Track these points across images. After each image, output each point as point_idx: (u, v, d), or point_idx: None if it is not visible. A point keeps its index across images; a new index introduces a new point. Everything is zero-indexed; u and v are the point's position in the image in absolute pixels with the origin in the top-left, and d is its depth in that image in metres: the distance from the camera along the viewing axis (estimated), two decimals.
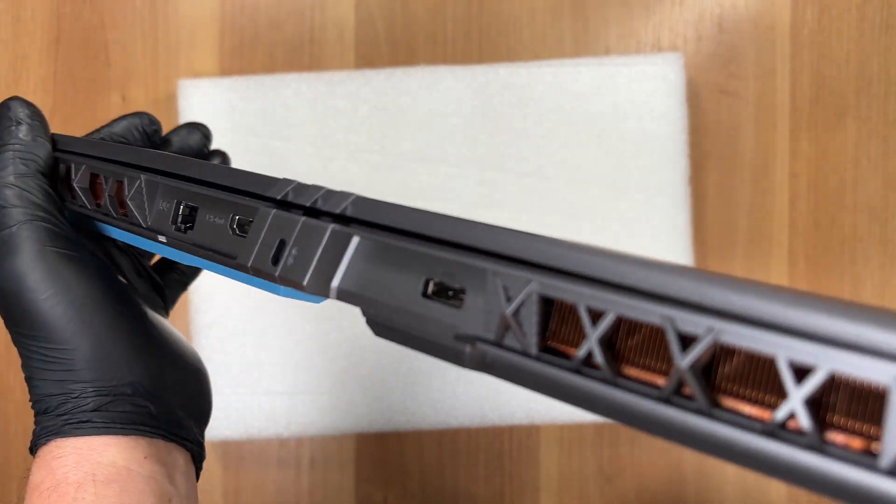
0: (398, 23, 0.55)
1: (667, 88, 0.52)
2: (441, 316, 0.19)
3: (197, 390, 0.30)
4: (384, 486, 0.55)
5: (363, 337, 0.52)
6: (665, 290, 0.15)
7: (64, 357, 0.26)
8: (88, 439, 0.26)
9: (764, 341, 0.14)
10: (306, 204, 0.23)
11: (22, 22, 0.55)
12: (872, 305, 0.14)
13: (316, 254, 0.22)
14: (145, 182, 0.26)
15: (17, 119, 0.27)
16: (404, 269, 0.20)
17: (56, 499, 0.25)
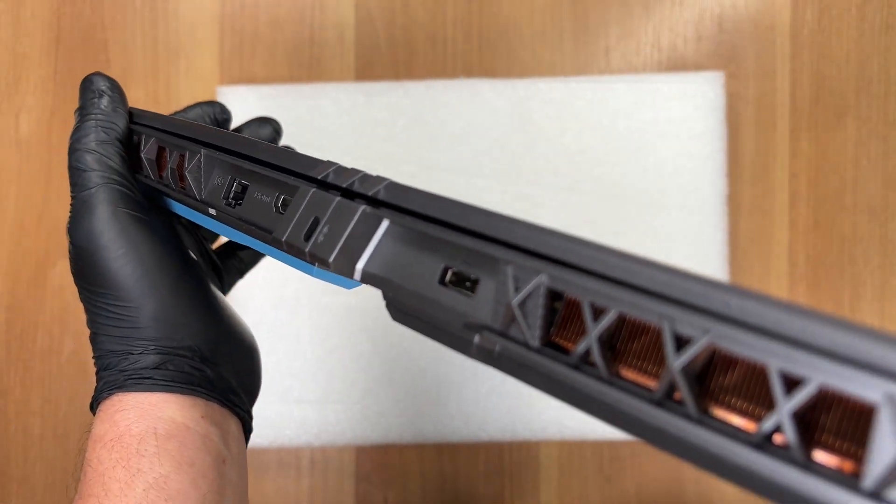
0: (398, 23, 0.55)
1: (706, 107, 0.52)
2: (454, 303, 0.19)
3: (250, 366, 0.31)
4: (384, 486, 0.55)
5: (396, 348, 0.52)
6: (667, 289, 0.16)
7: (129, 314, 0.28)
8: (149, 395, 0.27)
9: (758, 348, 0.14)
10: (343, 185, 0.23)
11: (22, 22, 0.55)
12: (870, 325, 0.14)
13: (345, 233, 0.22)
14: (204, 157, 0.27)
15: (100, 91, 0.29)
16: (426, 256, 0.21)
17: (120, 449, 0.26)
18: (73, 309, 0.55)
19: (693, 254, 0.52)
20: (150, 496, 0.25)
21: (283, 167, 0.25)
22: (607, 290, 0.16)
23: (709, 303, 0.15)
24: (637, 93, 0.52)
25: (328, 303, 0.52)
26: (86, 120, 0.29)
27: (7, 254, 0.55)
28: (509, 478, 0.55)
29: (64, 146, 0.56)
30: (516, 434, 0.52)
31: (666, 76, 0.52)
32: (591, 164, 0.52)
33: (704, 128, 0.52)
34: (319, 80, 0.55)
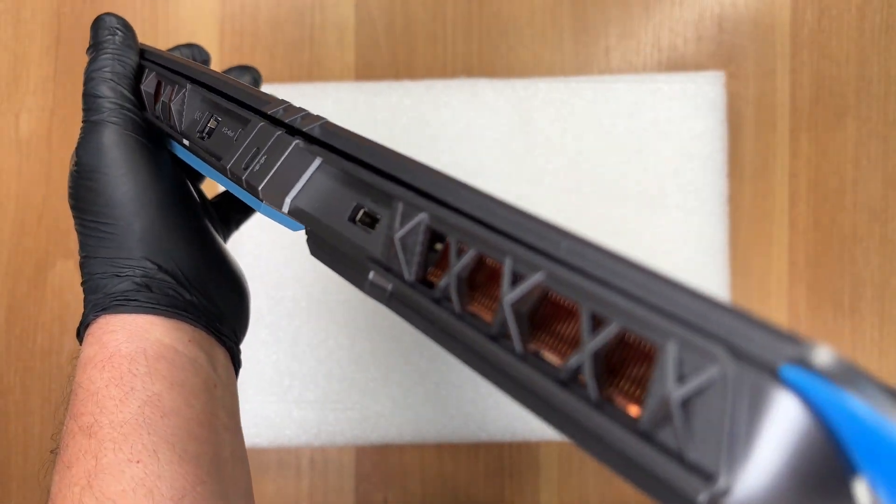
0: (398, 23, 0.55)
1: (707, 107, 0.52)
2: (357, 239, 0.21)
3: (237, 302, 0.32)
4: (384, 486, 0.55)
5: (395, 348, 0.52)
6: (511, 229, 0.17)
7: (118, 233, 0.28)
8: (135, 317, 0.28)
9: (577, 288, 0.15)
10: (285, 121, 0.24)
11: (22, 22, 0.55)
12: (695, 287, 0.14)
13: (276, 164, 0.23)
14: (188, 92, 0.28)
15: (113, 28, 0.30)
16: (346, 194, 0.22)
17: (111, 369, 0.26)
18: (73, 309, 0.55)
19: (693, 254, 0.52)
20: (146, 412, 0.25)
21: (240, 101, 0.26)
22: (470, 229, 0.17)
23: (544, 243, 0.16)
24: (637, 93, 0.52)
25: (327, 303, 0.52)
26: (102, 52, 0.30)
27: (7, 254, 0.55)
28: (509, 478, 0.55)
29: (64, 146, 0.56)
30: (516, 434, 0.52)
31: (666, 76, 0.52)
32: (592, 164, 0.52)
33: (705, 128, 0.52)
34: (319, 80, 0.55)
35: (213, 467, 0.26)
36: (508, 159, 0.52)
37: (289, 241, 0.52)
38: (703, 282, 0.52)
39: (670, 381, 0.13)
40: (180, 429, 0.26)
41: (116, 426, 0.25)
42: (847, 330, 0.54)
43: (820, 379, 0.11)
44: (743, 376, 0.12)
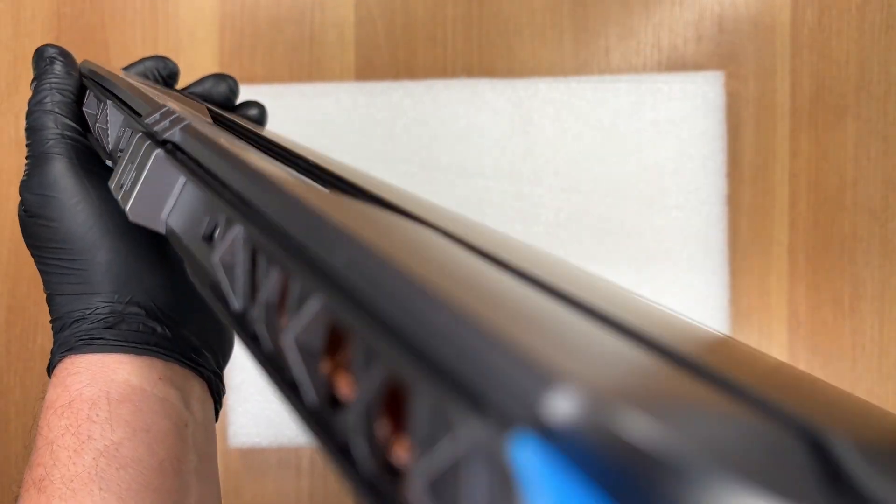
0: (398, 23, 0.55)
1: (706, 107, 0.52)
2: (203, 260, 0.18)
3: (215, 324, 0.30)
4: None
5: None
6: (305, 240, 0.14)
7: (80, 268, 0.27)
8: (102, 357, 0.26)
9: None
10: (152, 128, 0.21)
11: (22, 22, 0.55)
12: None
13: (140, 179, 0.20)
14: (109, 107, 0.26)
15: (51, 58, 0.30)
16: (205, 209, 0.19)
17: (70, 416, 0.25)
18: None
19: (693, 254, 0.52)
20: (101, 464, 0.24)
21: (131, 109, 0.24)
22: (267, 245, 0.15)
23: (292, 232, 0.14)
24: (637, 93, 0.52)
25: None
26: (41, 85, 0.29)
27: (7, 254, 0.55)
28: None
29: None
30: None
31: (666, 76, 0.52)
32: (592, 164, 0.52)
33: (704, 127, 0.52)
34: (319, 80, 0.55)
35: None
36: (508, 159, 0.52)
37: None
38: (702, 282, 0.52)
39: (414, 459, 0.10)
40: (137, 481, 0.24)
41: (67, 481, 0.24)
42: (847, 330, 0.54)
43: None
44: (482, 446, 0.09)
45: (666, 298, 0.52)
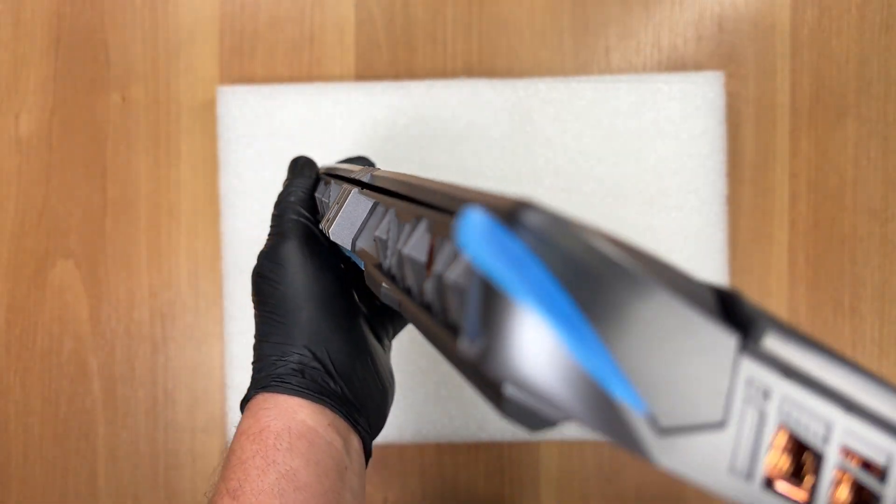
0: (398, 22, 0.55)
1: (706, 107, 0.52)
2: (374, 254, 0.26)
3: (379, 399, 0.36)
4: (384, 485, 0.55)
5: (396, 348, 0.52)
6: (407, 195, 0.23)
7: (286, 322, 0.33)
8: (287, 398, 0.32)
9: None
10: (353, 178, 0.30)
11: (22, 23, 0.55)
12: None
13: (340, 210, 0.29)
14: (332, 186, 0.34)
15: (301, 165, 0.38)
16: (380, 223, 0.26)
17: (260, 442, 0.31)
18: (72, 309, 0.55)
19: (693, 254, 0.52)
20: (282, 484, 0.29)
21: (342, 177, 0.32)
22: (438, 218, 0.20)
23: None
24: (637, 93, 0.52)
25: None
26: (291, 185, 0.37)
27: (7, 253, 0.55)
28: (509, 478, 0.55)
29: (64, 146, 0.56)
30: (516, 434, 0.52)
31: (666, 76, 0.52)
32: (592, 164, 0.52)
33: (704, 127, 0.52)
34: (319, 80, 0.55)
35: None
36: (508, 159, 0.52)
37: None
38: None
39: (438, 266, 0.18)
40: (308, 502, 0.30)
41: (256, 493, 0.29)
42: (847, 330, 0.54)
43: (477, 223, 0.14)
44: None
45: None
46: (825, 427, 0.17)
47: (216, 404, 0.55)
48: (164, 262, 0.55)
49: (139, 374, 0.55)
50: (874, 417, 0.17)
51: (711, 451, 0.16)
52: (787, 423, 0.16)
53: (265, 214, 0.52)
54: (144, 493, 0.55)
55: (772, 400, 0.16)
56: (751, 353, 0.16)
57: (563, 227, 0.14)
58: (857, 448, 0.17)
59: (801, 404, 0.16)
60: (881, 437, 0.17)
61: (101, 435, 0.55)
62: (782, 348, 0.16)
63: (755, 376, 0.16)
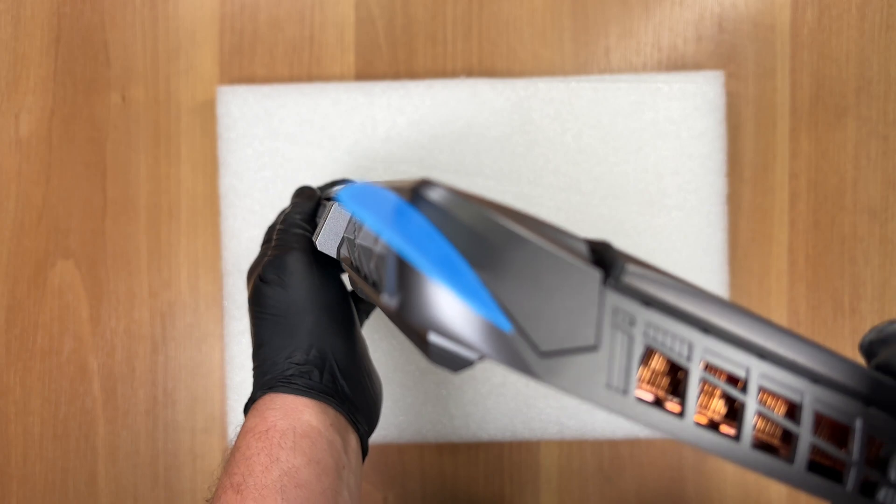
0: (398, 22, 0.55)
1: (706, 107, 0.52)
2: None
3: (374, 397, 0.37)
4: (384, 485, 0.55)
5: (395, 348, 0.52)
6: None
7: (291, 325, 0.35)
8: (293, 398, 0.34)
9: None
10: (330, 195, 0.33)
11: (22, 22, 0.55)
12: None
13: (324, 224, 0.34)
14: (326, 207, 0.37)
15: (304, 192, 0.42)
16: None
17: (265, 440, 0.32)
18: (72, 309, 0.55)
19: (693, 253, 0.52)
20: (284, 481, 0.31)
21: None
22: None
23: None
24: (637, 92, 0.52)
25: None
26: (294, 208, 0.39)
27: (6, 253, 0.55)
28: (509, 478, 0.55)
29: (64, 146, 0.56)
30: (516, 434, 0.52)
31: (666, 76, 0.52)
32: (592, 164, 0.52)
33: (704, 127, 0.52)
34: (319, 79, 0.55)
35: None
36: (508, 159, 0.52)
37: None
38: (702, 281, 0.52)
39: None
40: (308, 499, 0.31)
41: (259, 488, 0.30)
42: (847, 330, 0.54)
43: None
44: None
45: None
46: (688, 347, 0.20)
47: (216, 404, 0.55)
48: (164, 262, 0.55)
49: (139, 374, 0.55)
50: (730, 336, 0.20)
51: (588, 370, 0.19)
52: (654, 345, 0.20)
53: (265, 214, 0.52)
54: (144, 492, 0.55)
55: (637, 325, 0.20)
56: (613, 286, 0.19)
57: (453, 197, 0.18)
58: (718, 364, 0.20)
59: (663, 328, 0.20)
60: (738, 354, 0.20)
61: (100, 435, 0.55)
62: (641, 282, 0.19)
63: (620, 306, 0.19)
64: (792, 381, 0.21)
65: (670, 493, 0.55)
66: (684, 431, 0.20)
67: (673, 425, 0.20)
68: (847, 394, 0.21)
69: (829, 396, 0.21)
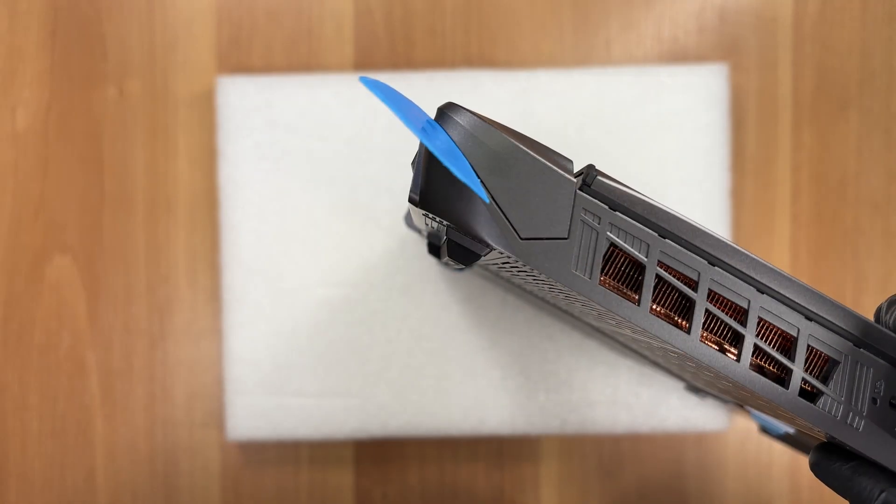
0: (397, 15, 0.54)
1: (710, 99, 0.51)
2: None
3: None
4: (383, 480, 0.55)
5: (394, 341, 0.52)
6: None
7: None
8: None
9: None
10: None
11: (18, 15, 0.55)
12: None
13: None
14: None
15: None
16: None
17: None
18: (69, 304, 0.54)
19: None
20: None
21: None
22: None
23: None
24: (641, 85, 0.52)
25: (327, 295, 0.52)
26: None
27: (3, 248, 0.54)
28: (509, 472, 0.55)
29: (61, 141, 0.56)
30: (516, 428, 0.52)
31: (670, 68, 0.52)
32: (594, 157, 0.52)
33: (707, 120, 0.51)
34: (318, 71, 0.54)
35: None
36: None
37: (288, 233, 0.52)
38: None
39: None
40: None
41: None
42: None
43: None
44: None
45: None
46: (645, 248, 0.24)
47: (215, 399, 0.54)
48: (162, 256, 0.54)
49: (137, 370, 0.54)
50: (683, 241, 0.25)
51: (559, 255, 0.24)
52: (615, 242, 0.24)
53: (264, 206, 0.52)
54: (143, 488, 0.55)
55: (602, 224, 0.24)
56: (585, 191, 0.24)
57: (472, 120, 0.24)
58: (671, 264, 0.24)
59: (625, 229, 0.24)
60: (691, 258, 0.25)
61: (99, 431, 0.55)
62: (607, 190, 0.24)
63: (589, 207, 0.24)
64: (742, 288, 0.25)
65: (671, 488, 0.55)
66: (639, 318, 0.24)
67: (630, 312, 0.24)
68: (789, 306, 0.25)
69: (771, 304, 0.25)
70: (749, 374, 0.24)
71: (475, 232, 0.23)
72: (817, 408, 0.24)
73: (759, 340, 0.24)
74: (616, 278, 0.24)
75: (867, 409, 0.24)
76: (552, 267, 0.23)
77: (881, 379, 0.24)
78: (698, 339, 0.24)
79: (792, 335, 0.25)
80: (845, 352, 0.25)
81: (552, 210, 0.23)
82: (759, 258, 0.25)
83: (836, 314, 0.25)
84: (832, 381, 0.24)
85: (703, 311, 0.24)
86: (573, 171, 0.24)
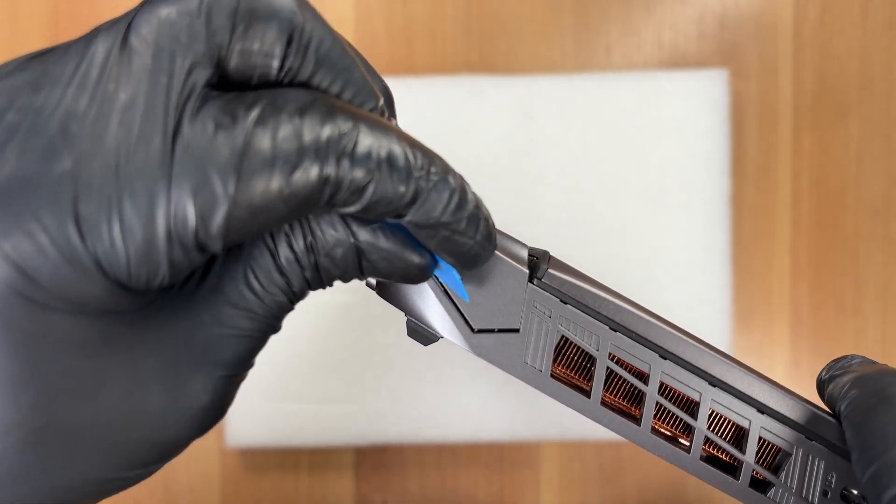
0: (397, 20, 0.55)
1: (711, 105, 0.51)
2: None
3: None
4: (383, 486, 0.55)
5: (394, 347, 0.52)
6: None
7: None
8: None
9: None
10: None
11: (19, 20, 0.55)
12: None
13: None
14: None
15: None
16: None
17: None
18: None
19: (695, 253, 0.51)
20: None
21: None
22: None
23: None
24: (641, 90, 0.52)
25: (327, 301, 0.52)
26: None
27: None
28: (509, 478, 0.54)
29: None
30: (516, 434, 0.52)
31: (670, 74, 0.52)
32: (594, 163, 0.52)
33: (708, 126, 0.51)
34: None
35: None
36: (509, 157, 0.52)
37: None
38: (704, 281, 0.51)
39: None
40: None
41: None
42: (850, 330, 0.54)
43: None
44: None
45: (667, 297, 0.52)
46: (596, 341, 0.24)
47: None
48: None
49: None
50: (635, 336, 0.24)
51: (511, 347, 0.24)
52: (567, 335, 0.24)
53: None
54: (142, 496, 0.54)
55: (553, 317, 0.24)
56: (537, 284, 0.24)
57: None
58: (623, 356, 0.24)
59: (575, 322, 0.24)
60: (642, 351, 0.24)
61: None
62: (558, 283, 0.24)
63: (540, 300, 0.24)
64: (693, 382, 0.25)
65: (671, 495, 0.55)
66: (590, 410, 0.24)
67: (581, 404, 0.24)
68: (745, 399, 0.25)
69: (723, 397, 0.25)
70: (698, 466, 0.25)
71: (428, 323, 0.24)
72: (768, 499, 0.25)
73: (709, 433, 0.25)
74: (569, 367, 0.25)
75: (818, 501, 0.25)
76: (504, 360, 0.24)
77: (832, 471, 0.25)
78: (649, 432, 0.25)
79: (744, 427, 0.25)
80: (797, 444, 0.25)
81: (504, 302, 0.23)
82: (712, 351, 0.25)
83: (788, 406, 0.25)
84: (784, 471, 0.25)
85: (655, 404, 0.24)
86: (526, 258, 0.24)
